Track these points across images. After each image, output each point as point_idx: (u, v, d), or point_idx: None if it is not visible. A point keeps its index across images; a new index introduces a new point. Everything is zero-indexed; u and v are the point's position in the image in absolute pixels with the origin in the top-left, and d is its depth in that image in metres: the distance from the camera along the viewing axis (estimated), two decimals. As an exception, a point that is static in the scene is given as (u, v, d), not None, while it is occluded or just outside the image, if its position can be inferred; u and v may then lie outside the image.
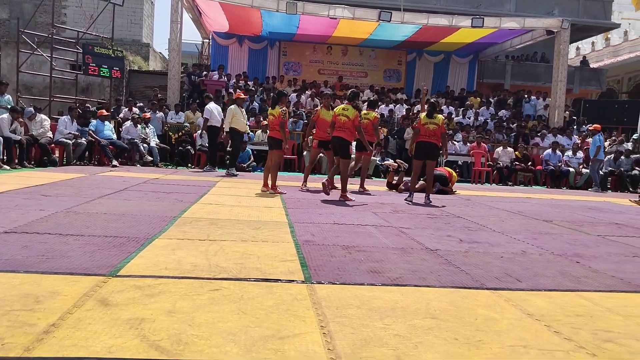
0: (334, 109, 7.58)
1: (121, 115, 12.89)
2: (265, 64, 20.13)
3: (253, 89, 16.57)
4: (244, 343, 1.96)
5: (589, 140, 15.06)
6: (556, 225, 5.74)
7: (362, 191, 8.26)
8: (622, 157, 13.80)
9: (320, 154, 9.70)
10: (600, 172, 13.03)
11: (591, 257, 4.00)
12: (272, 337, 2.03)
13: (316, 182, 9.39)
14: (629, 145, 14.88)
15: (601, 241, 4.86)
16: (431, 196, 7.45)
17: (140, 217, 4.63)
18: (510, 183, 13.61)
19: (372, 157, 13.03)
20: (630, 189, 13.15)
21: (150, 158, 11.44)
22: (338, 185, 8.36)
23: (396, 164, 9.68)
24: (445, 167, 10.38)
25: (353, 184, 8.42)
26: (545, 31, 16.16)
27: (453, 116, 16.73)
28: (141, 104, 14.08)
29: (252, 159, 12.06)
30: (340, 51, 20.44)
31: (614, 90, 28.66)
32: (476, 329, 2.26)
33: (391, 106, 16.89)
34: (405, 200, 7.30)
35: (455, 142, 14.50)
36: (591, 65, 25.64)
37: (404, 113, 16.36)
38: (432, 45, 19.68)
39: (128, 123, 11.82)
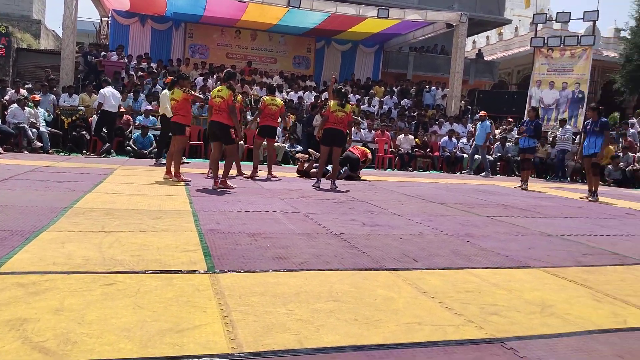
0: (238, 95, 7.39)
1: (7, 97, 11.71)
2: (170, 45, 19.29)
3: (156, 71, 15.84)
4: (140, 339, 1.87)
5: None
6: (450, 208, 6.12)
7: (270, 178, 8.23)
8: (509, 143, 14.97)
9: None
10: (490, 157, 13.99)
11: (481, 237, 4.31)
12: (171, 331, 1.96)
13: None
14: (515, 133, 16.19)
15: (490, 221, 5.25)
16: (337, 182, 7.62)
17: (27, 208, 4.26)
18: (410, 168, 14.28)
19: (282, 144, 13.07)
20: (517, 174, 14.35)
21: (39, 144, 10.57)
22: (247, 171, 8.28)
23: (307, 156, 9.74)
24: (362, 147, 10.70)
25: (262, 171, 8.39)
26: (445, 24, 17.01)
27: (361, 104, 17.17)
28: (30, 86, 12.90)
29: (154, 144, 11.55)
30: (249, 36, 20.10)
31: (505, 81, 30.94)
32: (375, 308, 2.34)
33: (300, 93, 16.96)
34: (312, 186, 7.39)
35: (361, 130, 14.90)
36: (485, 58, 27.45)
37: (313, 100, 16.52)
38: (340, 33, 19.98)
39: (14, 106, 10.78)
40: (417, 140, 14.91)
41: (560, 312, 2.46)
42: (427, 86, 19.41)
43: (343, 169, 9.19)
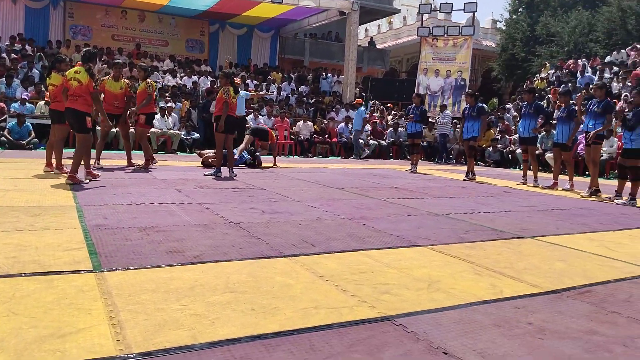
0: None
1: None
2: (48, 26, 17.64)
3: (32, 54, 14.43)
4: (15, 348, 1.71)
5: (376, 115, 16.81)
6: (347, 192, 6.30)
7: (142, 167, 7.65)
8: (401, 129, 15.71)
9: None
10: (360, 141, 14.49)
11: (374, 219, 4.49)
12: (51, 337, 1.80)
13: (113, 159, 8.67)
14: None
15: (383, 204, 5.49)
16: (236, 170, 7.51)
17: None
18: (310, 154, 14.47)
19: (177, 132, 12.58)
20: (408, 157, 15.12)
21: None
22: (137, 161, 7.86)
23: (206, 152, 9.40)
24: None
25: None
26: (338, 12, 17.32)
27: (259, 90, 17.01)
28: None
29: (32, 134, 10.55)
30: (137, 17, 18.98)
31: (395, 69, 32.34)
32: (273, 296, 2.34)
33: (195, 78, 16.40)
34: (209, 175, 7.21)
35: (260, 116, 14.78)
36: (377, 46, 28.42)
37: (209, 85, 16.05)
38: (235, 17, 19.56)
39: None
40: (315, 126, 15.13)
41: (446, 287, 2.64)
42: (324, 73, 19.72)
43: (246, 156, 9.07)
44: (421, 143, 12.33)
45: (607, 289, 2.75)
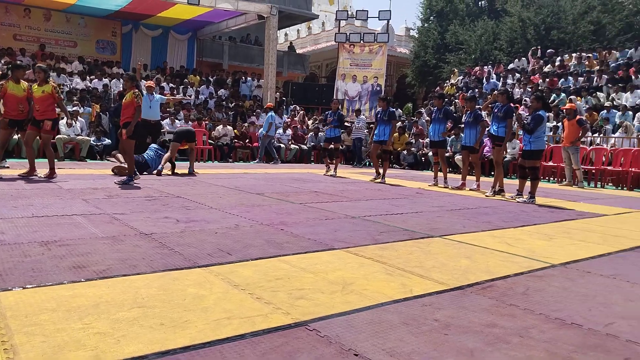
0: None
1: None
2: None
3: None
4: None
5: (296, 119, 16.91)
6: (267, 197, 6.28)
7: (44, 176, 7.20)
8: (321, 133, 15.91)
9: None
10: (282, 146, 14.59)
11: (293, 224, 4.51)
12: None
13: (15, 168, 8.04)
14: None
15: (302, 208, 5.53)
16: (149, 177, 7.24)
17: None
18: (230, 160, 14.27)
19: (86, 137, 11.90)
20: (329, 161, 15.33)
21: None
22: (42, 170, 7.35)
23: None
24: None
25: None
26: (257, 15, 17.25)
27: (176, 94, 16.51)
28: None
29: None
30: (42, 15, 17.80)
31: (315, 74, 32.76)
32: (184, 309, 2.28)
33: (106, 80, 15.63)
34: (122, 183, 6.89)
35: (177, 120, 14.36)
36: (297, 51, 28.65)
37: (121, 89, 15.33)
38: (149, 18, 18.89)
39: None
40: (235, 131, 14.94)
41: (359, 288, 2.71)
42: (243, 77, 19.55)
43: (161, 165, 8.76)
44: (340, 147, 12.55)
45: (507, 283, 2.94)
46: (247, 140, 14.95)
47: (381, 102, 9.56)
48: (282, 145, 15.04)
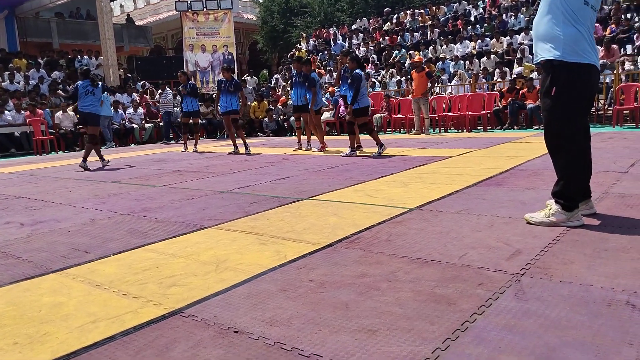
0: None
1: None
2: None
3: None
4: None
5: (147, 96, 15.91)
6: (124, 184, 5.87)
7: None
8: (176, 108, 15.21)
9: None
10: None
11: (157, 209, 4.28)
12: None
13: None
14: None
15: (166, 191, 5.27)
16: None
17: None
18: (77, 148, 13.08)
19: None
20: (189, 137, 14.76)
21: None
22: None
23: None
24: None
25: None
26: (83, -13, 15.64)
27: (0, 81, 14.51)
28: None
29: None
30: None
31: (161, 46, 30.94)
32: (41, 321, 2.05)
33: None
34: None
35: (5, 111, 12.68)
36: (137, 23, 26.70)
37: None
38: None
39: None
40: (78, 116, 13.63)
41: (233, 264, 2.66)
42: (79, 56, 17.76)
43: None
44: (200, 121, 12.13)
45: (372, 233, 3.12)
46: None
47: (225, 73, 9.35)
48: (135, 126, 14.12)
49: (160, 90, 14.28)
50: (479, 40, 15.34)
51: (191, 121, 10.66)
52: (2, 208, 4.78)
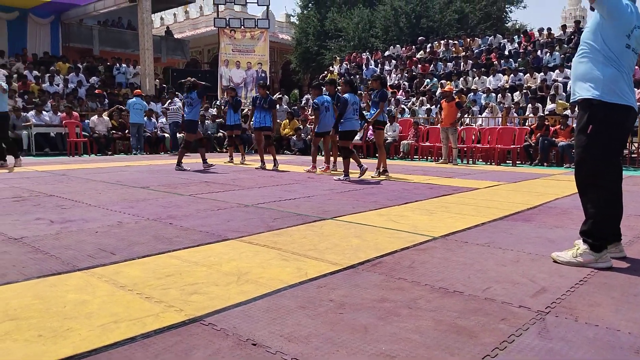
0: None
1: None
2: None
3: None
4: None
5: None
6: (153, 191, 5.97)
7: None
8: (208, 121, 15.49)
9: None
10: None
11: (183, 217, 4.34)
12: None
13: None
14: (214, 111, 16.85)
15: (192, 200, 5.34)
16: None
17: None
18: (109, 152, 13.37)
19: None
20: (218, 150, 15.01)
21: None
22: None
23: None
24: None
25: None
26: (127, -2, 16.22)
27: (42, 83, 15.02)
28: None
29: None
30: None
31: (197, 60, 31.68)
32: (65, 317, 2.09)
33: (-48, 70, 13.75)
34: None
35: (43, 112, 13.10)
36: (175, 36, 27.44)
37: (-27, 79, 13.60)
38: (1, -1, 16.88)
39: None
40: (113, 121, 13.99)
41: (255, 277, 2.68)
42: (117, 63, 18.30)
43: None
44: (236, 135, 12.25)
45: (394, 258, 3.10)
46: (126, 131, 14.08)
47: (262, 90, 9.52)
48: (166, 135, 14.39)
49: (169, 100, 14.21)
50: (512, 75, 15.28)
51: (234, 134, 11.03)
52: (34, 205, 4.91)
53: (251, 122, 9.56)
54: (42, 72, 15.88)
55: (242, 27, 17.44)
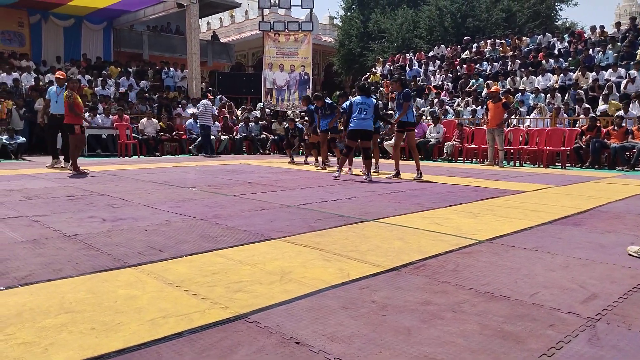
0: None
1: None
2: None
3: None
4: None
5: (225, 110, 16.57)
6: (199, 191, 6.13)
7: None
8: (252, 123, 15.74)
9: None
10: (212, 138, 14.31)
11: (227, 216, 4.44)
12: None
13: None
14: (257, 113, 17.11)
15: (237, 200, 5.45)
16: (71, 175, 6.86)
17: None
18: (158, 154, 13.79)
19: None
20: (261, 151, 15.23)
21: None
22: None
23: None
24: None
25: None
26: (176, 3, 16.67)
27: (94, 86, 15.67)
28: None
29: None
30: None
31: (242, 63, 32.23)
32: (116, 311, 2.18)
33: (15, 74, 14.53)
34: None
35: (97, 115, 13.65)
36: (221, 40, 28.02)
37: (33, 83, 14.37)
38: (59, 7, 17.72)
39: None
40: (161, 123, 14.43)
41: (297, 276, 2.71)
42: (166, 67, 18.87)
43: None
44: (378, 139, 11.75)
45: (438, 262, 3.06)
46: (174, 133, 14.49)
47: (318, 102, 9.71)
48: (212, 137, 14.72)
49: (205, 101, 13.76)
50: (562, 74, 14.75)
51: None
52: (87, 203, 5.13)
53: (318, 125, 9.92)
54: (95, 76, 16.56)
55: (286, 30, 17.63)
